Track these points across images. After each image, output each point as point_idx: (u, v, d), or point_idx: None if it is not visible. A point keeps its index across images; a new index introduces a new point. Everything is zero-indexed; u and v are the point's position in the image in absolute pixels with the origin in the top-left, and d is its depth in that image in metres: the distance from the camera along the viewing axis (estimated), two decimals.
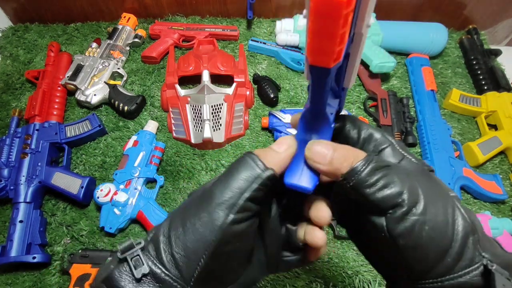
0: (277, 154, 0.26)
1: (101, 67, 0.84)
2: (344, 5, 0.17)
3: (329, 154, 0.25)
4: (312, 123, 0.28)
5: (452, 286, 0.23)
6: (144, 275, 0.23)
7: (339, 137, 0.30)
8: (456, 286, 0.23)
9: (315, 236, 0.29)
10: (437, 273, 0.23)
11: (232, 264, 0.27)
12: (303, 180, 0.26)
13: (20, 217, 0.65)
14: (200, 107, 0.75)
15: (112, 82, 0.83)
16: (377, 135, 0.28)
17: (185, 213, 0.25)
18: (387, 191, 0.23)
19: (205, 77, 0.78)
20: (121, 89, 0.80)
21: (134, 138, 0.73)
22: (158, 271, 0.24)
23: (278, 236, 0.31)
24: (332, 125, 0.28)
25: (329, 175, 0.26)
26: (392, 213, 0.23)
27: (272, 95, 0.81)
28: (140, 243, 0.25)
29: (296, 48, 0.90)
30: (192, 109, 0.76)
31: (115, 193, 0.66)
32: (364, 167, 0.24)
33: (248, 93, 0.81)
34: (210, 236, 0.23)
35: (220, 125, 0.76)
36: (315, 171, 0.26)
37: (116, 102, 0.78)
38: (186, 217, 0.25)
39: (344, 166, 0.24)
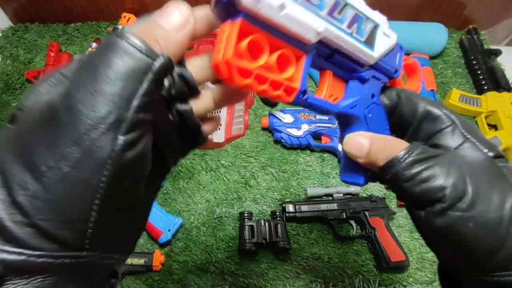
0: (170, 35, 0.18)
1: None
2: (236, 84, 0.19)
3: (366, 146, 0.24)
4: (341, 122, 0.28)
5: (504, 283, 0.21)
6: None
7: (394, 115, 0.27)
8: (509, 284, 0.21)
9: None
10: (486, 269, 0.21)
11: (135, 193, 0.19)
12: (355, 175, 0.27)
13: None
14: None
15: None
16: (437, 113, 0.25)
17: (25, 152, 0.16)
18: (426, 186, 0.21)
19: None
20: None
21: None
22: (21, 258, 0.15)
23: (170, 127, 0.23)
24: (364, 113, 0.26)
25: (368, 166, 0.24)
26: (432, 207, 0.21)
27: None
28: None
29: None
30: None
31: None
32: (402, 160, 0.22)
33: None
34: (94, 179, 0.16)
35: (220, 125, 0.76)
36: None
37: None
38: (32, 159, 0.15)
39: (380, 159, 0.23)
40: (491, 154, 0.23)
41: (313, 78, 0.85)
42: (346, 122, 0.27)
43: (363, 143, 0.24)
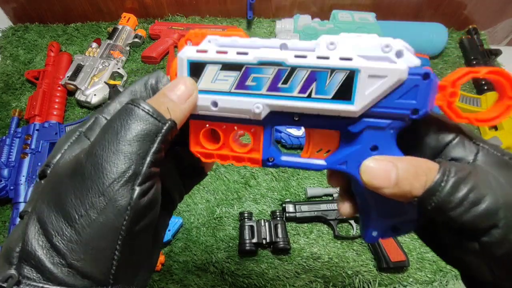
0: (176, 106, 0.21)
1: (101, 67, 0.84)
2: (206, 162, 0.26)
3: (393, 174, 0.19)
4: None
5: None
6: None
7: None
8: None
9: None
10: None
11: (149, 232, 0.23)
12: (378, 225, 0.24)
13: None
14: None
15: (112, 82, 0.83)
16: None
17: (59, 203, 0.19)
18: (478, 210, 0.18)
19: None
20: (121, 89, 0.80)
21: None
22: None
23: (172, 170, 0.27)
24: (357, 170, 0.22)
25: (397, 198, 0.20)
26: (488, 236, 0.18)
27: None
28: (11, 277, 0.18)
29: None
30: None
31: None
32: (443, 184, 0.18)
33: None
34: (117, 222, 0.19)
35: None
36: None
37: None
38: (66, 208, 0.19)
39: (416, 187, 0.19)
40: (506, 158, 0.21)
41: None
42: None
43: (388, 168, 0.19)
